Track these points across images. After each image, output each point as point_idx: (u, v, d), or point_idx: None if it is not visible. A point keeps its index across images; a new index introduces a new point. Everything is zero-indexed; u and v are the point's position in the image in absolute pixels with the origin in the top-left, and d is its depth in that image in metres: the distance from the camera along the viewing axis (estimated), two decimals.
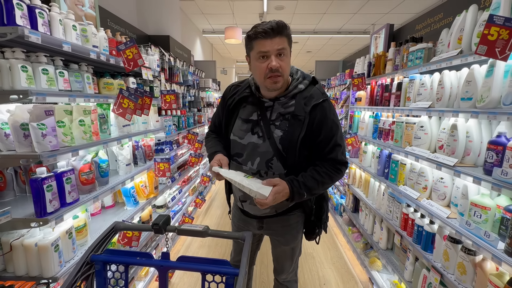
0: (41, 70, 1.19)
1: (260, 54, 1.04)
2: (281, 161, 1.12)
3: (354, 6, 5.05)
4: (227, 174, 1.07)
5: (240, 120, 1.20)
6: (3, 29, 1.00)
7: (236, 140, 1.20)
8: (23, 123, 1.14)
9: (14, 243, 1.19)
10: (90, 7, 2.03)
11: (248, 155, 1.17)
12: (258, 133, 1.15)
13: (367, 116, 2.65)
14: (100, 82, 1.72)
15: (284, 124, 1.12)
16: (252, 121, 1.17)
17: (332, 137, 1.12)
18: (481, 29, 1.31)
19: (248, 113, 1.19)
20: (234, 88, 1.26)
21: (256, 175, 1.15)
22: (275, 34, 1.00)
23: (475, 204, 1.25)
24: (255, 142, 1.15)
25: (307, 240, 1.39)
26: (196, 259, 0.86)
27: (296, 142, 1.09)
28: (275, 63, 1.02)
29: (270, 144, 1.12)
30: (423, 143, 1.71)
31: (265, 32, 1.00)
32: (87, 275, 0.87)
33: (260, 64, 1.05)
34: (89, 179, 1.48)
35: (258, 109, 1.17)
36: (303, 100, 1.12)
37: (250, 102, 1.20)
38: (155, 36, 3.50)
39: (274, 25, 1.00)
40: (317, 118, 1.10)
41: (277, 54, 1.03)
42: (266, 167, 1.14)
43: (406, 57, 2.01)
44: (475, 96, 1.32)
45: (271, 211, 1.24)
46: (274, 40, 1.01)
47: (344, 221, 3.14)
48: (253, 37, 1.03)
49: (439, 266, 1.46)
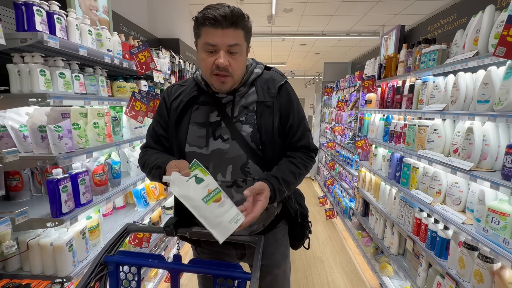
0: (59, 74, 1.23)
1: (207, 46, 0.83)
2: (257, 163, 0.95)
3: (364, 7, 5.01)
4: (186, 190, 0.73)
5: (194, 125, 0.96)
6: (24, 35, 1.04)
7: (195, 152, 0.94)
8: (41, 125, 1.18)
9: (30, 243, 1.22)
10: (104, 12, 2.08)
11: (216, 165, 0.94)
12: (222, 136, 0.94)
13: (378, 119, 2.62)
14: (113, 85, 1.76)
15: (251, 117, 0.94)
16: (210, 123, 0.95)
17: (301, 121, 0.99)
18: (499, 30, 1.28)
19: (203, 115, 0.96)
20: (176, 88, 1.01)
21: (233, 187, 0.94)
22: (228, 24, 0.81)
23: (493, 210, 1.21)
24: (220, 148, 0.93)
25: (295, 249, 1.18)
26: (208, 263, 0.86)
27: (271, 134, 0.93)
28: (223, 61, 0.83)
29: (240, 146, 0.93)
30: (437, 147, 1.68)
31: (214, 19, 0.79)
32: (100, 276, 0.88)
33: (206, 57, 0.85)
34: (102, 181, 1.51)
35: (215, 108, 0.96)
36: (264, 84, 0.96)
37: (202, 102, 0.97)
38: (165, 39, 3.55)
39: (228, 13, 0.80)
40: (283, 102, 0.96)
41: (228, 50, 0.84)
42: (243, 174, 0.94)
43: (418, 58, 1.97)
44: (492, 99, 1.28)
45: (258, 227, 1.03)
46: (226, 32, 0.81)
47: (354, 225, 3.10)
48: (200, 22, 0.82)
49: (454, 273, 1.42)
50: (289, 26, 6.08)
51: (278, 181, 0.89)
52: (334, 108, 4.63)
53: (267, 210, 1.01)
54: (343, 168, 3.84)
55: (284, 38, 6.79)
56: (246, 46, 0.91)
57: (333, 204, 4.13)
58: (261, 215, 0.95)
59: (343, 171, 3.93)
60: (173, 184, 0.74)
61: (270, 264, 1.09)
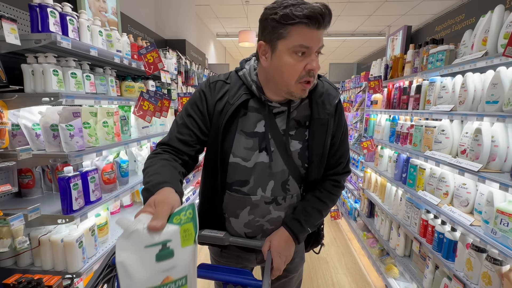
0: (70, 74, 1.25)
1: (301, 48, 0.73)
2: (296, 179, 0.89)
3: (369, 8, 4.98)
4: (132, 261, 0.46)
5: (242, 134, 0.85)
6: (38, 36, 1.07)
7: (239, 164, 0.86)
8: (53, 124, 1.21)
9: (42, 238, 1.25)
10: (113, 13, 2.11)
11: (257, 180, 0.86)
12: (267, 149, 0.85)
13: (384, 119, 2.60)
14: (122, 85, 1.79)
15: (302, 132, 0.87)
16: (258, 134, 0.85)
17: (344, 140, 0.94)
18: (509, 30, 1.27)
19: (252, 123, 0.86)
20: (220, 85, 0.87)
21: (272, 204, 0.89)
22: (325, 24, 0.71)
23: (502, 212, 1.20)
24: (264, 161, 0.85)
25: (315, 251, 1.14)
26: (217, 268, 0.83)
27: (321, 154, 0.87)
28: (317, 65, 0.75)
29: (284, 161, 0.86)
30: (444, 148, 1.66)
31: (314, 18, 0.69)
32: (108, 277, 0.88)
33: (296, 62, 0.74)
34: (111, 179, 1.53)
35: (263, 116, 0.86)
36: (319, 98, 0.87)
37: (252, 108, 0.86)
38: (172, 40, 3.59)
39: (325, 11, 0.69)
40: (337, 121, 0.90)
41: (317, 52, 0.76)
42: (283, 191, 0.88)
43: (426, 59, 1.96)
44: (501, 99, 1.27)
45: (276, 228, 0.94)
46: (321, 34, 0.73)
47: (359, 226, 3.08)
48: (291, 19, 0.70)
49: (462, 276, 1.41)
50: None
51: (300, 224, 0.87)
52: None
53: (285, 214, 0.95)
54: None
55: None
56: None
57: (338, 205, 4.12)
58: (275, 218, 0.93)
59: None
60: (123, 239, 0.47)
61: (289, 268, 1.01)
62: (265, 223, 0.92)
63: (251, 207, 0.89)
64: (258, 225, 0.92)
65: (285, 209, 0.92)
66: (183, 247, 0.48)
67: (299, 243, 0.90)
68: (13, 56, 1.20)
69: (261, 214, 0.91)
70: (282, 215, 0.92)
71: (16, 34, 1.00)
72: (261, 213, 0.90)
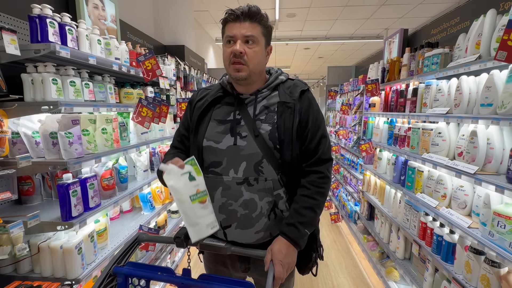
0: (69, 82, 1.27)
1: (227, 38, 0.94)
2: (272, 163, 0.95)
3: (367, 11, 5.03)
4: (178, 183, 0.79)
5: (214, 122, 1.01)
6: (38, 46, 1.09)
7: (211, 146, 0.98)
8: (52, 131, 1.22)
9: (41, 245, 1.26)
10: (112, 20, 2.14)
11: (229, 161, 0.96)
12: (240, 133, 0.97)
13: (382, 122, 2.62)
14: (121, 92, 1.81)
15: (271, 116, 0.97)
16: (230, 121, 0.99)
17: (319, 127, 1.00)
18: (501, 34, 1.28)
19: (225, 113, 1.01)
20: (202, 91, 1.10)
21: (243, 184, 0.95)
22: (245, 18, 0.92)
23: (499, 214, 1.20)
24: (236, 144, 0.96)
25: (302, 273, 1.09)
26: (218, 279, 0.83)
27: (290, 134, 0.95)
28: (239, 47, 0.91)
29: (257, 144, 0.95)
30: (441, 150, 1.67)
31: (234, 15, 0.92)
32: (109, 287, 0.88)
33: (226, 49, 0.94)
34: (110, 185, 1.54)
35: (237, 107, 1.00)
36: (287, 89, 1.01)
37: (225, 102, 1.04)
38: (171, 46, 3.63)
39: (245, 9, 0.92)
40: (304, 106, 0.99)
41: (245, 40, 0.92)
42: (255, 173, 0.95)
43: (421, 62, 1.98)
44: (495, 102, 1.28)
45: (265, 235, 0.99)
46: (243, 25, 0.92)
47: (359, 229, 3.08)
48: (223, 21, 0.96)
49: (461, 278, 1.41)
50: (292, 30, 6.13)
51: (295, 228, 0.91)
52: (338, 111, 4.63)
53: (276, 218, 0.98)
54: (348, 171, 3.83)
55: (287, 42, 6.84)
56: (264, 42, 0.97)
57: (338, 208, 4.11)
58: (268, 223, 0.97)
59: (347, 174, 3.92)
60: (168, 174, 0.78)
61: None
62: (239, 208, 0.97)
63: (223, 188, 0.97)
64: (231, 209, 0.97)
65: (258, 192, 0.96)
66: (198, 176, 0.83)
67: (300, 248, 0.93)
68: (13, 66, 1.22)
69: (234, 197, 0.96)
70: (255, 198, 0.96)
71: (16, 44, 1.02)
72: (234, 195, 0.96)
